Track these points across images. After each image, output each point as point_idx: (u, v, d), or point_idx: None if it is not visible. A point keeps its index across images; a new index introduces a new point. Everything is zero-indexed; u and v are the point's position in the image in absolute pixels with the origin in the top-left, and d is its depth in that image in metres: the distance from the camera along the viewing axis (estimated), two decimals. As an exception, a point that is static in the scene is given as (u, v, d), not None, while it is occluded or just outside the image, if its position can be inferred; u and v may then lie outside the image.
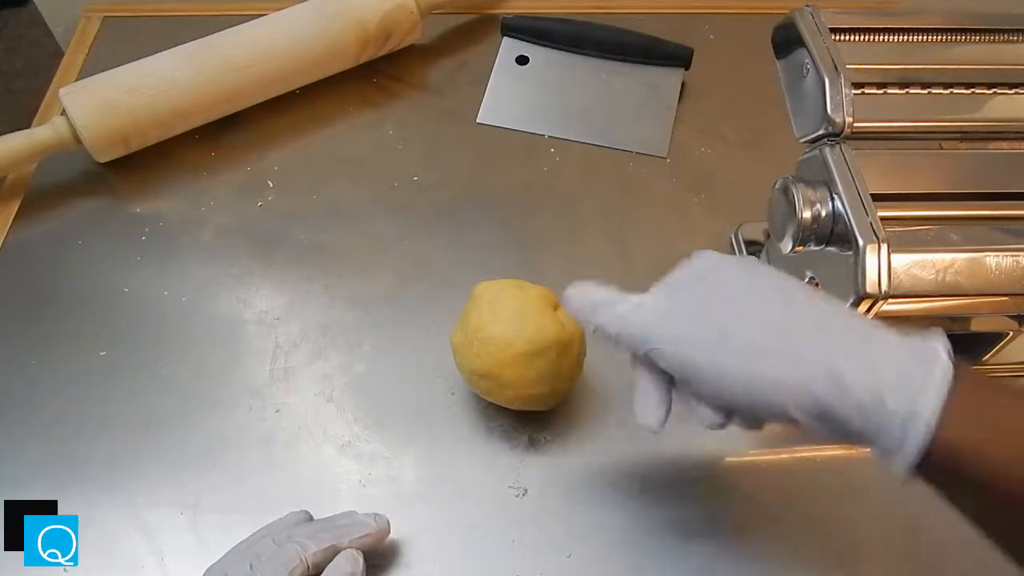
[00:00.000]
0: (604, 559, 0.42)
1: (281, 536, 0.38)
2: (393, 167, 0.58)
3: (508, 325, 0.41)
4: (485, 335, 0.41)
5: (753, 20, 0.68)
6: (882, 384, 0.28)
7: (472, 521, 0.43)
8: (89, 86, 0.54)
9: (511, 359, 0.41)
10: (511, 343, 0.41)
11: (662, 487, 0.44)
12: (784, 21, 0.43)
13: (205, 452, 0.44)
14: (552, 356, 0.41)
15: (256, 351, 0.49)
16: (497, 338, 0.41)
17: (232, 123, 0.59)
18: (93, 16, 0.66)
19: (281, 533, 0.38)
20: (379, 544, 0.40)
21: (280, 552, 0.36)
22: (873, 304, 0.37)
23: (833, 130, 0.40)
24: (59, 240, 0.53)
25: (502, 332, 0.41)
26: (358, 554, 0.38)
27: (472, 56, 0.65)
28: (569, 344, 0.42)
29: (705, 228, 0.55)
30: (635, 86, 0.63)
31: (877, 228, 0.37)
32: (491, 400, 0.44)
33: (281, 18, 0.59)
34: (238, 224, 0.54)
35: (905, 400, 0.28)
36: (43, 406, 0.46)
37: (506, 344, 0.41)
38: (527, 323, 0.41)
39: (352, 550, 0.38)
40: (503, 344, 0.41)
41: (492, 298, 0.43)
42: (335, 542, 0.37)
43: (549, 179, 0.58)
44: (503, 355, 0.41)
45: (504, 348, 0.41)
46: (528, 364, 0.41)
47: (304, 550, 0.36)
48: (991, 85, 0.42)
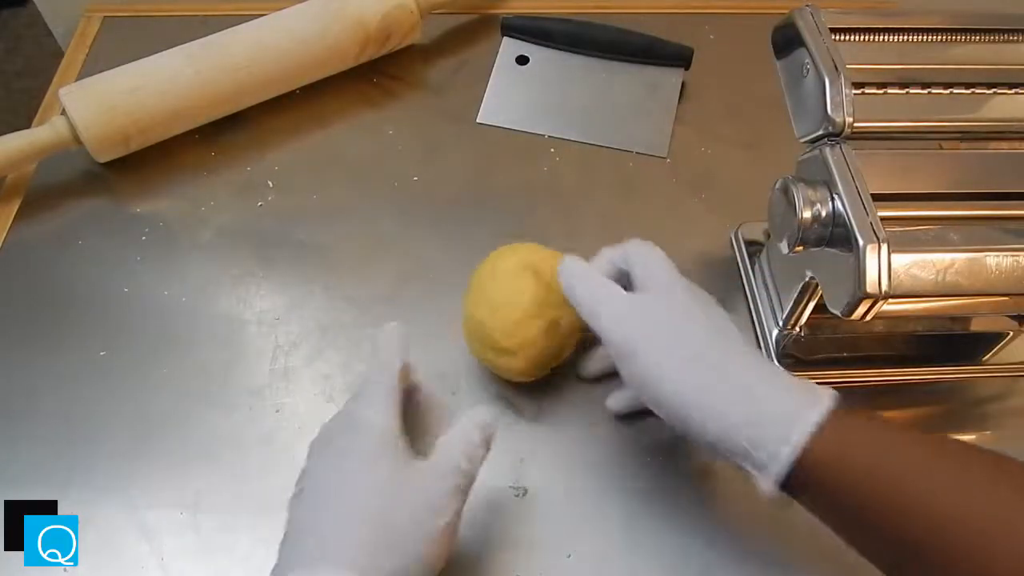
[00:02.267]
0: (604, 559, 0.42)
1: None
2: (393, 167, 0.58)
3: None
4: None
5: (753, 20, 0.68)
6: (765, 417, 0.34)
7: (472, 521, 0.43)
8: (89, 86, 0.54)
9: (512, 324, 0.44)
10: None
11: (662, 487, 0.44)
12: (784, 21, 0.43)
13: (205, 452, 0.44)
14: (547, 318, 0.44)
15: (256, 351, 0.49)
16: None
17: (232, 123, 0.59)
18: (93, 16, 0.66)
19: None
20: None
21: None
22: (873, 304, 0.37)
23: (833, 130, 0.40)
24: (59, 240, 0.53)
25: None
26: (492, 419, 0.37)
27: (472, 56, 0.65)
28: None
29: (705, 228, 0.55)
30: (635, 86, 0.63)
31: (877, 228, 0.37)
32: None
33: (281, 18, 0.59)
34: (238, 224, 0.54)
35: (782, 426, 0.33)
36: (43, 406, 0.46)
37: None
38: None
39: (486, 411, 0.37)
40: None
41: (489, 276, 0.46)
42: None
43: (549, 179, 0.58)
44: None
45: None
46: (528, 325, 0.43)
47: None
48: (991, 85, 0.42)
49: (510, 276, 0.44)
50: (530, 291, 0.43)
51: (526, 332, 0.43)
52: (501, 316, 0.43)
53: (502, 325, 0.43)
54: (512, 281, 0.44)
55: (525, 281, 0.44)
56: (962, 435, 0.48)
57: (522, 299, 0.43)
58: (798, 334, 0.49)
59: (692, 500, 0.44)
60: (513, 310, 0.43)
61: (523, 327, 0.43)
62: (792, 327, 0.49)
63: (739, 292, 0.52)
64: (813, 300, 0.46)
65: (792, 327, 0.49)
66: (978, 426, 0.48)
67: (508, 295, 0.44)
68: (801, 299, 0.47)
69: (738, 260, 0.54)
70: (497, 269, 0.45)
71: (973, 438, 0.48)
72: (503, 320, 0.43)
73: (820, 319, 0.48)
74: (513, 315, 0.43)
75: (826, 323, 0.49)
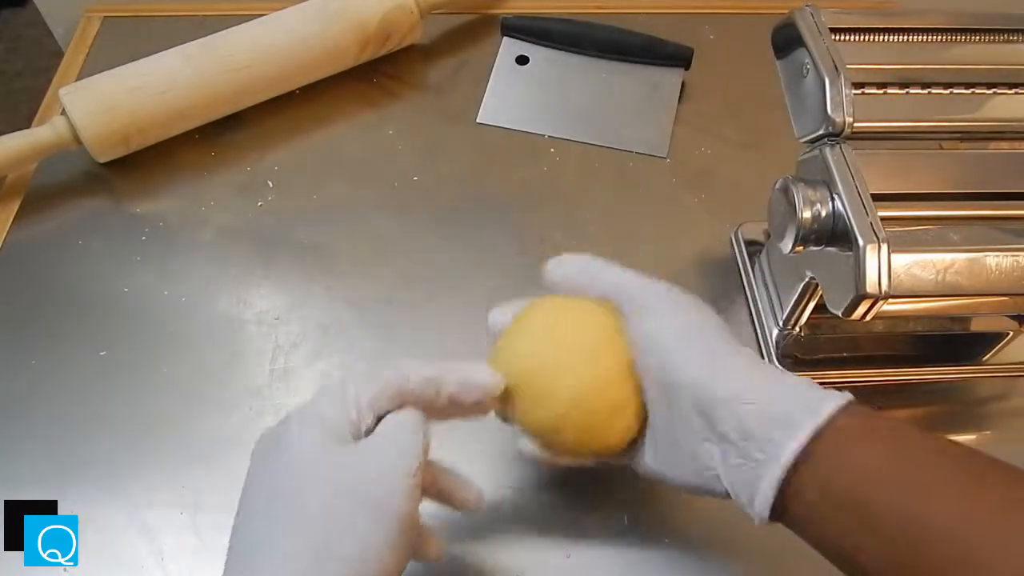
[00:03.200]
0: (604, 559, 0.42)
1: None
2: (393, 167, 0.58)
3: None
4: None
5: (753, 20, 0.68)
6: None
7: (472, 521, 0.43)
8: (89, 86, 0.54)
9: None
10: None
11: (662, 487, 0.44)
12: (784, 21, 0.43)
13: (205, 452, 0.44)
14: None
15: (256, 351, 0.49)
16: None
17: (232, 123, 0.59)
18: (93, 16, 0.66)
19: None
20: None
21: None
22: (873, 304, 0.37)
23: (833, 130, 0.40)
24: (59, 240, 0.53)
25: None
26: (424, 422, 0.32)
27: (472, 56, 0.65)
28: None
29: (705, 228, 0.55)
30: (635, 86, 0.63)
31: (877, 228, 0.37)
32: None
33: (281, 18, 0.59)
34: (238, 224, 0.54)
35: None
36: (43, 406, 0.46)
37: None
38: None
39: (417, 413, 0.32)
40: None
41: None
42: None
43: (549, 179, 0.58)
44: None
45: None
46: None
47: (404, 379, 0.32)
48: (991, 85, 0.42)
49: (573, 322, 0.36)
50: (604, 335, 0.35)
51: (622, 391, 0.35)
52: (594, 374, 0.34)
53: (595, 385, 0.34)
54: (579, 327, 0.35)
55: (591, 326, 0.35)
56: (962, 435, 0.48)
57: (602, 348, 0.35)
58: (798, 334, 0.49)
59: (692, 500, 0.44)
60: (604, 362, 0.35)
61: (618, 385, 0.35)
62: (792, 327, 0.49)
63: (739, 292, 0.52)
64: (813, 300, 0.46)
65: (792, 327, 0.49)
66: (978, 426, 0.48)
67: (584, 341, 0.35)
68: (801, 299, 0.47)
69: (738, 260, 0.54)
70: (554, 311, 0.36)
71: (973, 438, 0.48)
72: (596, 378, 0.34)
73: (820, 319, 0.48)
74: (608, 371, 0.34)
75: (826, 323, 0.49)
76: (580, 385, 0.34)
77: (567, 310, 0.36)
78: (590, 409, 0.34)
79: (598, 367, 0.34)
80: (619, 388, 0.34)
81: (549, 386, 0.34)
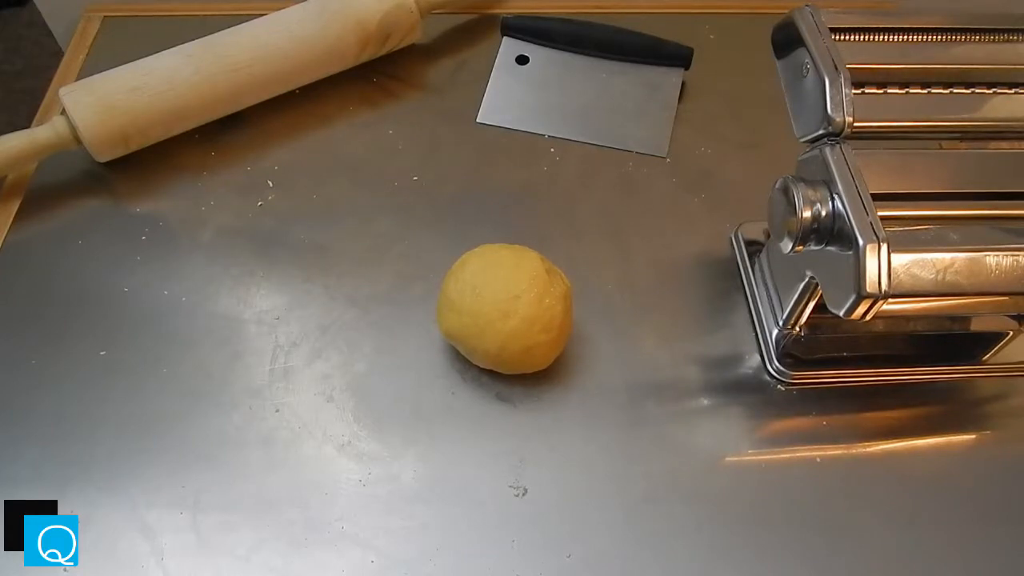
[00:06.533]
0: (604, 559, 0.42)
1: None
2: (393, 167, 0.58)
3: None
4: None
5: (753, 20, 0.68)
6: None
7: (472, 521, 0.43)
8: (89, 86, 0.54)
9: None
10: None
11: (662, 487, 0.44)
12: (784, 21, 0.43)
13: (205, 452, 0.44)
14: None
15: (256, 351, 0.49)
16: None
17: (232, 123, 0.59)
18: (93, 16, 0.66)
19: None
20: None
21: None
22: (873, 304, 0.37)
23: (833, 130, 0.40)
24: (59, 240, 0.53)
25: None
26: None
27: (472, 56, 0.65)
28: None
29: (705, 228, 0.55)
30: (635, 86, 0.63)
31: (877, 228, 0.37)
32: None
33: (281, 18, 0.59)
34: (238, 224, 0.54)
35: None
36: (43, 406, 0.46)
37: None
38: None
39: None
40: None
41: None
42: None
43: (549, 179, 0.58)
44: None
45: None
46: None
47: None
48: (991, 85, 0.42)
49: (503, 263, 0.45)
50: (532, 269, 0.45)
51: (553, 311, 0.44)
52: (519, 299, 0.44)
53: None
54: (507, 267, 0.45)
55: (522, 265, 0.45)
56: (962, 435, 0.48)
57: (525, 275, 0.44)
58: (798, 334, 0.49)
59: (692, 500, 0.44)
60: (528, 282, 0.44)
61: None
62: (792, 327, 0.49)
63: (739, 292, 0.52)
64: (813, 300, 0.46)
65: (792, 327, 0.49)
66: (978, 426, 0.48)
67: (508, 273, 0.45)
68: (801, 299, 0.47)
69: (738, 260, 0.54)
70: (485, 256, 0.46)
71: (973, 438, 0.48)
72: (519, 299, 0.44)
73: (820, 319, 0.48)
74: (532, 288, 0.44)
75: (826, 323, 0.49)
76: (500, 338, 0.43)
77: (492, 264, 0.45)
78: (515, 351, 0.44)
79: (515, 317, 0.43)
80: (542, 326, 0.44)
81: (477, 344, 0.44)
